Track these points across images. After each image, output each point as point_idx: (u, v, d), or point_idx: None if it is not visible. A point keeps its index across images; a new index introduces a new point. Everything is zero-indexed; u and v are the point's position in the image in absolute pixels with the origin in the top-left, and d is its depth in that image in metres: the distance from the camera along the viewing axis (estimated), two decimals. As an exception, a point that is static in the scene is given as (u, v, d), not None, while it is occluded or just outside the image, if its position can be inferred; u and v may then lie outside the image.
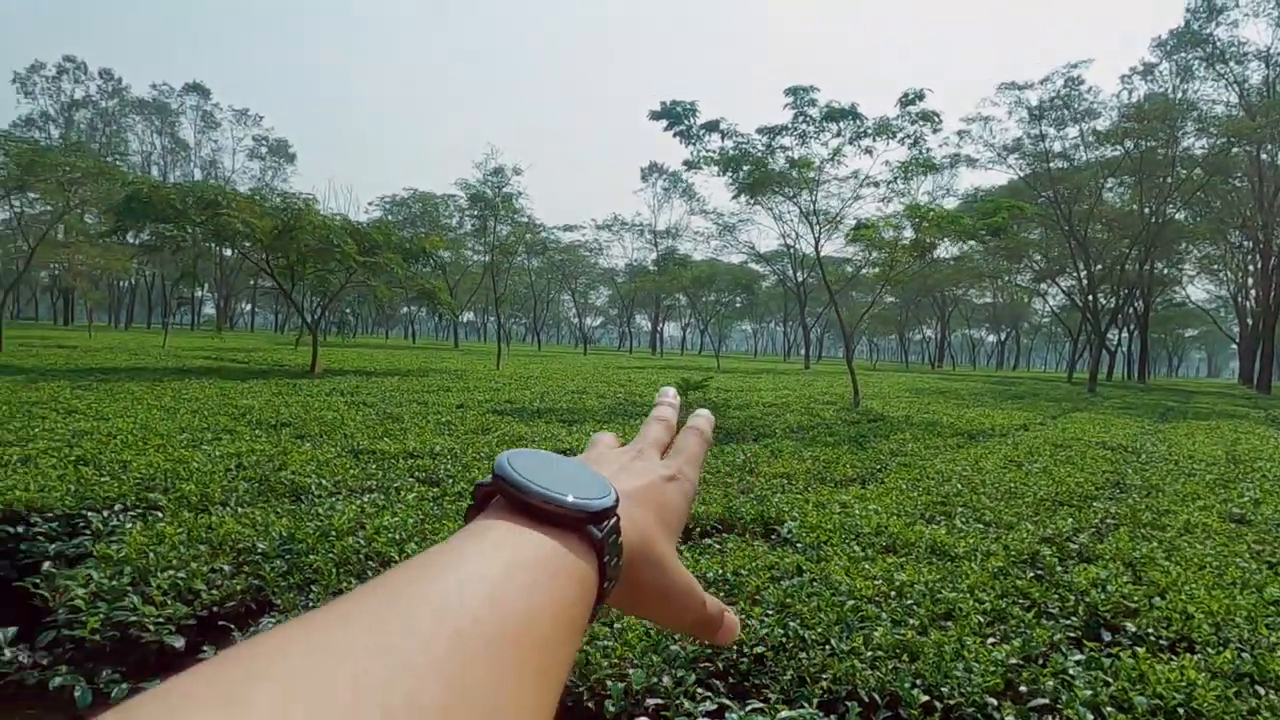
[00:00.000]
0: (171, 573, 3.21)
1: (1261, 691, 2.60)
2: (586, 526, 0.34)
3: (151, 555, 3.38)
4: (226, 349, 26.10)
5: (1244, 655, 2.90)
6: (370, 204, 63.34)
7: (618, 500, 0.37)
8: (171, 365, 16.34)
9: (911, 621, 3.08)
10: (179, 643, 2.82)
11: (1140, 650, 2.84)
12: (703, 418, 0.54)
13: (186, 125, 75.90)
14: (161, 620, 2.89)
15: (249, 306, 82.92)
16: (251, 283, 65.02)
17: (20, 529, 3.83)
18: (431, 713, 0.22)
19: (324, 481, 5.13)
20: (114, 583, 3.09)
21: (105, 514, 4.09)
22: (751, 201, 17.28)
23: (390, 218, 52.77)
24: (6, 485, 4.33)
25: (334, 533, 3.84)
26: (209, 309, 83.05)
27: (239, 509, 4.33)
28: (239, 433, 7.09)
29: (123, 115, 70.68)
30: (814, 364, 50.89)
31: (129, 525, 3.91)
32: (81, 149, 21.78)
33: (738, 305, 72.55)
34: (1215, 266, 51.16)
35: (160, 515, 4.14)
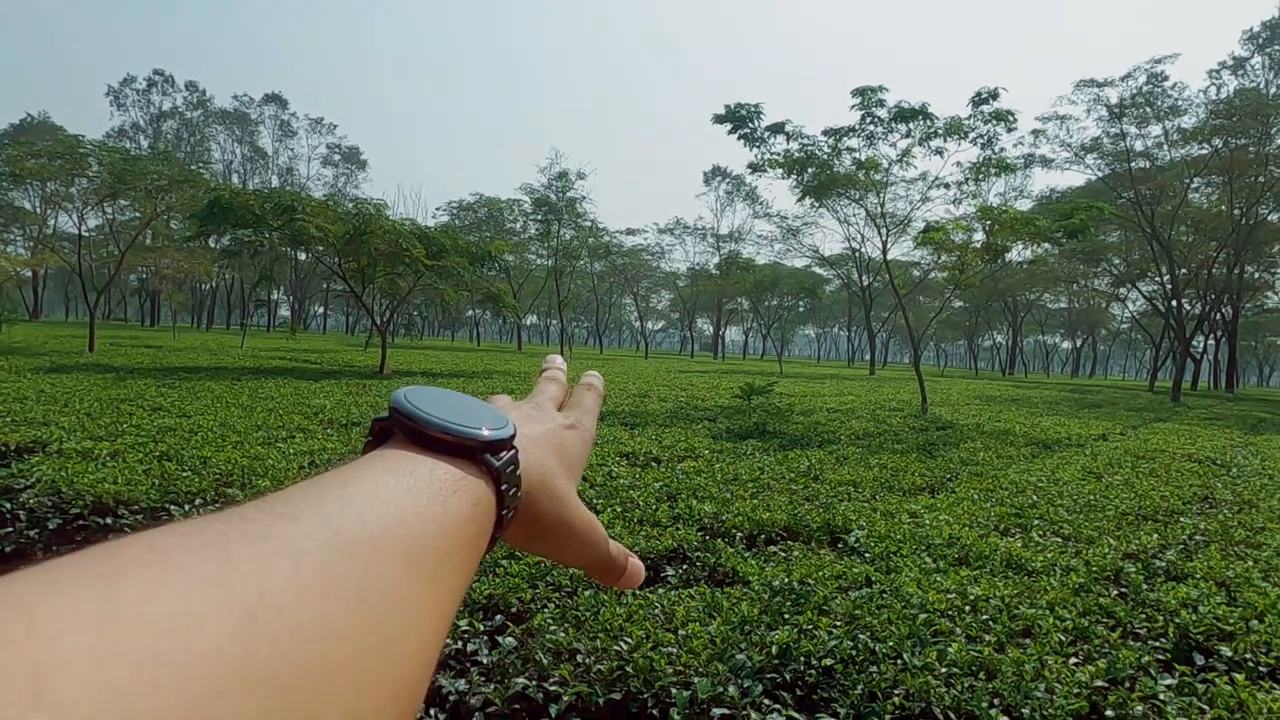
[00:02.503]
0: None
1: (1376, 726, 2.42)
2: (483, 455, 0.35)
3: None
4: (300, 350, 26.97)
5: (1355, 686, 2.70)
6: (438, 209, 64.75)
7: (515, 433, 0.38)
8: (249, 365, 16.94)
9: (988, 638, 2.96)
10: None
11: (1238, 676, 2.67)
12: (593, 376, 0.57)
13: (265, 134, 78.94)
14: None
15: (321, 309, 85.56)
16: (324, 286, 66.93)
17: (109, 520, 4.00)
18: (309, 596, 0.22)
19: (392, 480, 5.22)
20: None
21: (187, 508, 4.24)
22: (816, 204, 17.02)
23: (457, 222, 53.77)
24: (97, 478, 4.53)
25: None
26: (284, 311, 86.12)
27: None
28: (312, 431, 7.29)
29: (206, 125, 73.86)
30: (879, 369, 49.92)
31: (208, 519, 4.04)
32: (168, 158, 22.78)
33: (801, 310, 71.74)
34: (1312, 270, 48.33)
35: (237, 510, 4.27)
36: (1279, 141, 31.15)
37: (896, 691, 2.51)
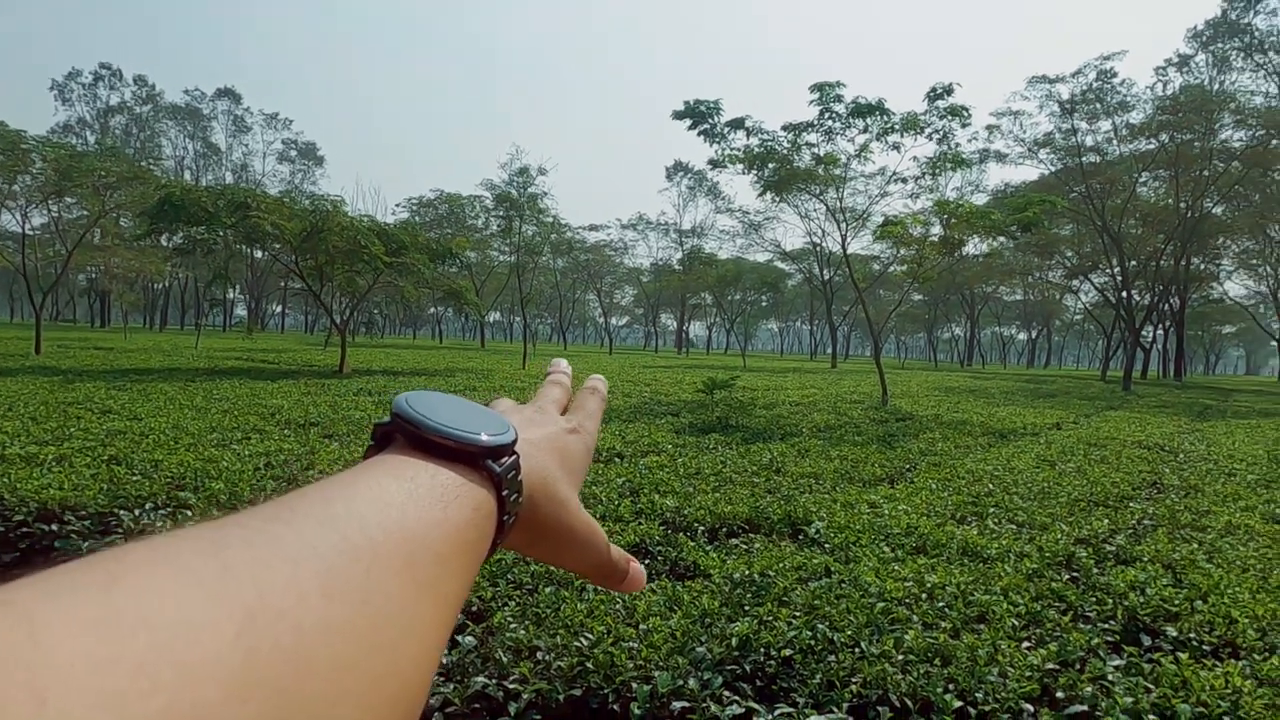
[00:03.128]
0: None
1: (1311, 700, 2.51)
2: (485, 460, 0.35)
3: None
4: (257, 350, 26.46)
5: (1292, 662, 2.80)
6: (397, 205, 64.06)
7: (516, 438, 0.37)
8: (203, 366, 16.58)
9: (944, 624, 3.01)
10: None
11: (1183, 656, 2.75)
12: (598, 380, 0.56)
13: (218, 130, 77.16)
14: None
15: (279, 308, 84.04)
16: (282, 284, 65.80)
17: (54, 527, 3.89)
18: (310, 600, 0.22)
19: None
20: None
21: (137, 513, 4.14)
22: (777, 199, 17.16)
23: (417, 219, 53.20)
24: (42, 484, 4.40)
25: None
26: (240, 310, 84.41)
27: (267, 508, 4.36)
28: (268, 432, 7.16)
29: (156, 121, 71.95)
30: (841, 362, 50.49)
31: (160, 524, 3.95)
32: (116, 154, 22.14)
33: (763, 304, 72.25)
34: (1254, 262, 49.92)
35: (190, 513, 4.18)
36: (1222, 136, 32.11)
37: (854, 680, 2.54)
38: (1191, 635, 3.08)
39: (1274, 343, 53.05)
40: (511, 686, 2.49)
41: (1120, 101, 33.45)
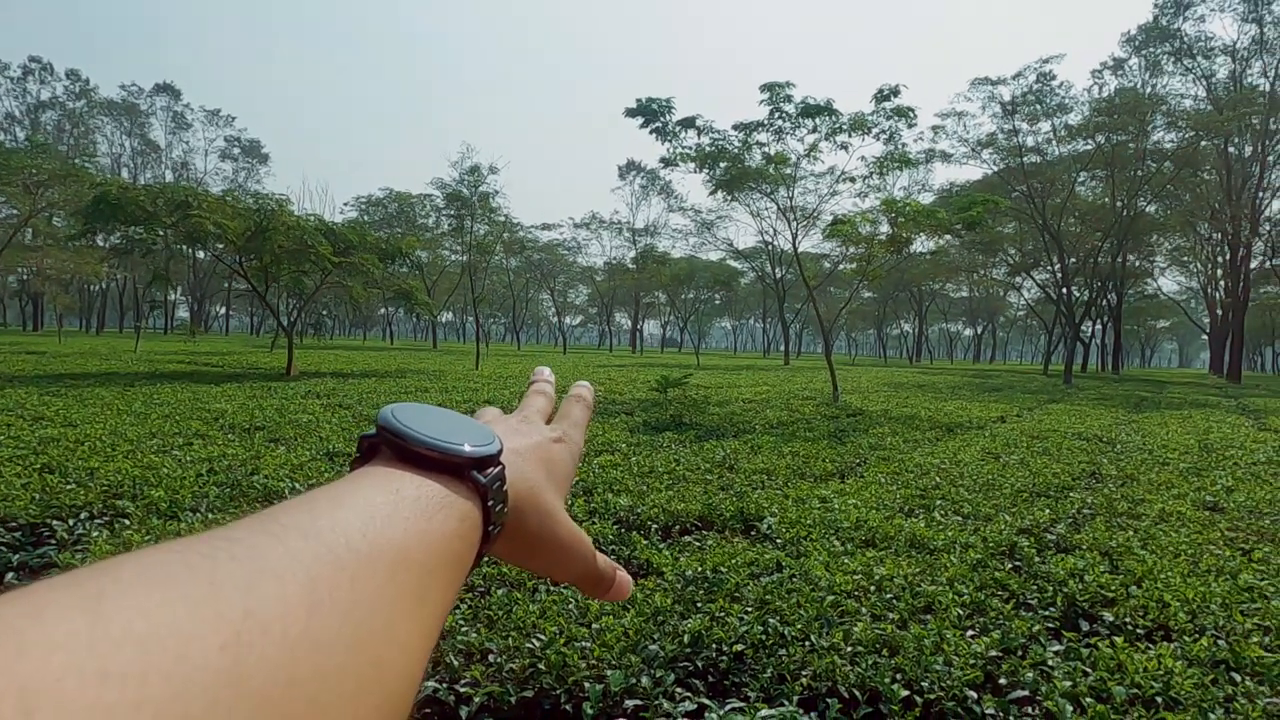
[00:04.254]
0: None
1: (1237, 678, 2.61)
2: (470, 471, 0.35)
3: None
4: (200, 353, 25.74)
5: (1220, 643, 2.92)
6: (345, 204, 62.77)
7: (502, 449, 0.38)
8: (143, 370, 16.07)
9: (891, 616, 3.07)
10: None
11: (1118, 640, 2.84)
12: (584, 387, 0.57)
13: (157, 126, 74.82)
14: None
15: (223, 310, 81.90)
16: (226, 285, 64.22)
17: (-19, 539, 3.73)
18: (295, 613, 0.22)
19: (298, 485, 5.05)
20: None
21: (71, 523, 4.00)
22: (729, 198, 17.28)
23: (366, 218, 52.39)
24: (-32, 495, 4.22)
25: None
26: (182, 312, 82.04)
27: (210, 515, 4.25)
28: (211, 437, 6.97)
29: (91, 117, 69.44)
30: (793, 360, 51.09)
31: (95, 534, 3.82)
32: (47, 150, 21.37)
33: (717, 302, 72.74)
34: (1185, 259, 51.90)
35: (128, 523, 4.05)
36: (1155, 138, 33.29)
37: (804, 672, 2.57)
38: (1127, 620, 3.19)
39: (1204, 336, 55.16)
40: (463, 690, 2.47)
41: (1059, 103, 34.46)
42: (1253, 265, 40.86)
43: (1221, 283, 46.61)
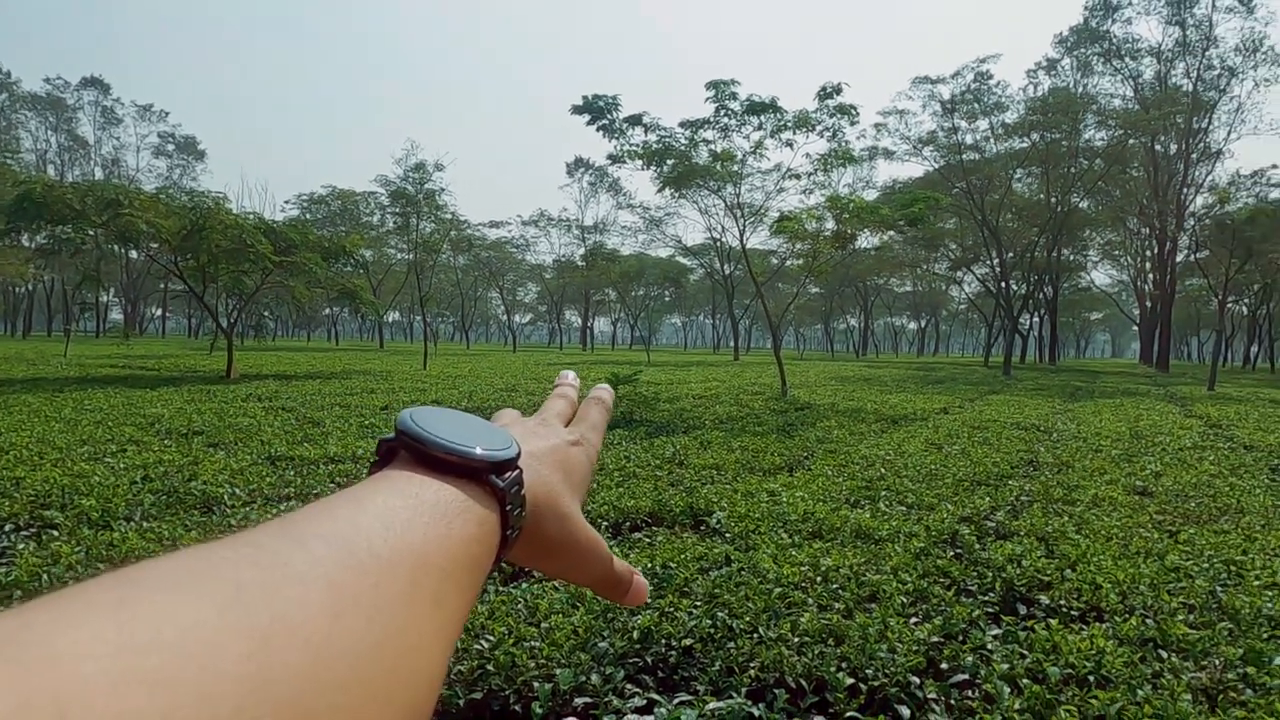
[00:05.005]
0: (68, 594, 3.02)
1: (1164, 655, 2.72)
2: (488, 476, 0.35)
3: (45, 576, 3.18)
4: (135, 356, 24.87)
5: (1148, 621, 3.04)
6: (287, 202, 61.37)
7: (519, 453, 0.38)
8: (74, 375, 15.47)
9: (837, 606, 3.12)
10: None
11: (1054, 622, 2.94)
12: (604, 389, 0.57)
13: (85, 122, 71.98)
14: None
15: (160, 311, 79.23)
16: (161, 286, 62.15)
17: (-103, 555, 3.55)
18: (319, 619, 0.22)
19: (238, 490, 4.92)
20: (2, 609, 2.88)
21: (-5, 535, 3.83)
22: (677, 195, 17.35)
23: (308, 216, 51.18)
24: (-119, 509, 4.01)
25: (247, 544, 3.68)
26: (116, 315, 79.17)
27: (144, 523, 4.11)
28: (146, 443, 6.75)
29: (13, 111, 66.49)
30: (743, 355, 51.55)
31: (21, 546, 3.67)
32: (-34, 147, 20.34)
33: (667, 299, 72.95)
34: (1116, 252, 53.87)
35: (56, 534, 3.89)
36: (1086, 136, 34.42)
37: (753, 664, 2.60)
38: (1062, 602, 3.30)
39: (1135, 327, 57.26)
40: (410, 694, 2.43)
41: (996, 102, 35.44)
42: (1179, 259, 42.58)
43: (1150, 275, 48.48)
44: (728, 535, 4.25)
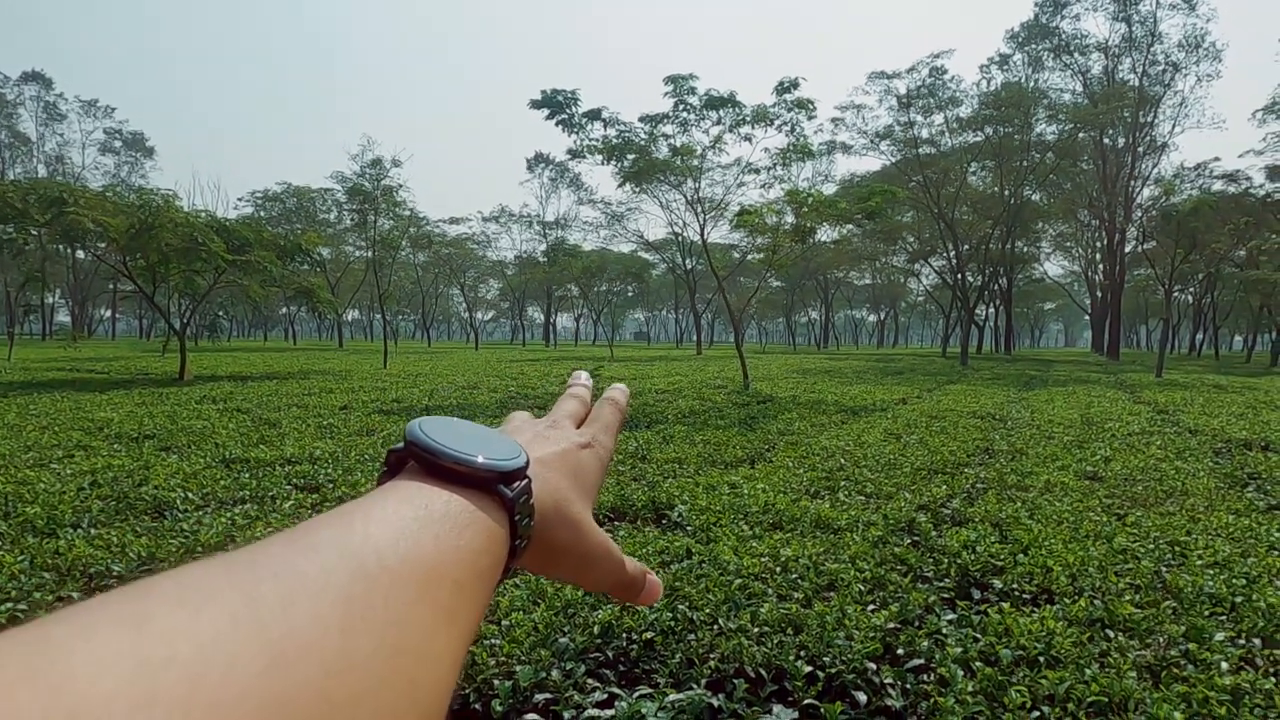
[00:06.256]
0: (10, 605, 2.93)
1: (1111, 635, 2.80)
2: (497, 486, 0.35)
3: (-13, 587, 3.08)
4: (83, 359, 24.17)
5: (1096, 602, 3.12)
6: (241, 200, 59.91)
7: (528, 462, 0.38)
8: (18, 379, 14.99)
9: (796, 595, 3.15)
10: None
11: (1006, 605, 3.00)
12: (617, 389, 0.56)
13: (26, 117, 69.64)
14: (-1, 658, 2.63)
15: (109, 312, 77.09)
16: (110, 287, 60.46)
17: None
18: (332, 633, 0.22)
19: (190, 495, 4.81)
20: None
21: (-67, 546, 3.70)
22: (638, 190, 17.36)
23: (262, 214, 50.19)
24: None
25: (200, 548, 3.61)
26: (63, 317, 76.87)
27: (92, 530, 4.00)
28: (95, 448, 6.57)
29: (-50, 107, 64.17)
30: (706, 349, 51.76)
31: (-39, 556, 3.55)
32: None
33: (629, 294, 72.86)
34: (1068, 244, 55.21)
35: (1, 541, 3.78)
36: (1038, 130, 35.14)
37: (712, 655, 2.62)
38: (1015, 586, 3.37)
39: (1086, 317, 58.68)
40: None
41: (950, 96, 35.96)
42: (1127, 249, 43.72)
43: (1100, 266, 49.73)
44: (689, 528, 4.27)
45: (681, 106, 14.37)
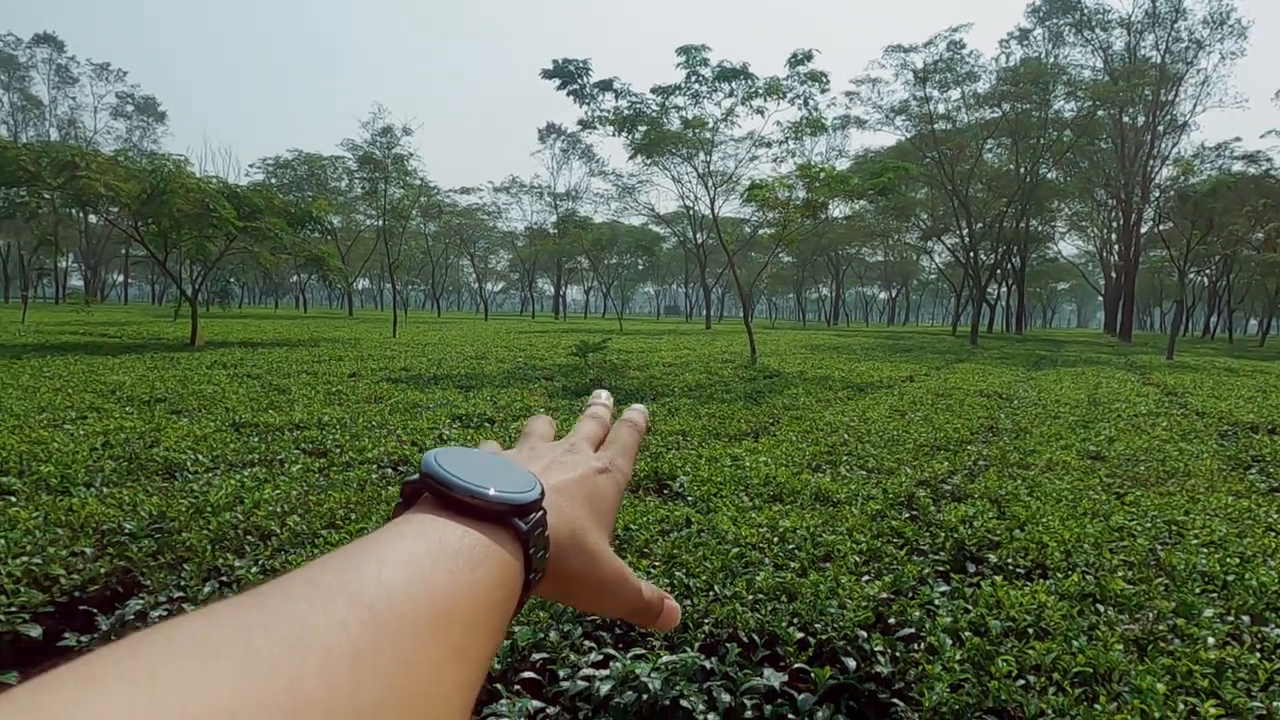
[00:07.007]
0: (25, 559, 3.01)
1: (1101, 609, 2.84)
2: (511, 519, 0.35)
3: (3, 542, 3.16)
4: (96, 323, 24.37)
5: (1088, 578, 3.16)
6: (252, 166, 59.96)
7: (543, 494, 0.38)
8: (32, 342, 15.15)
9: (793, 565, 3.20)
10: (35, 631, 2.65)
11: (999, 579, 3.05)
12: (636, 411, 0.55)
13: (39, 81, 69.57)
14: (14, 609, 2.71)
15: (121, 277, 77.51)
16: (123, 251, 60.76)
17: None
18: (340, 683, 0.22)
19: (201, 457, 4.89)
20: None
21: (-50, 501, 3.79)
22: (649, 162, 17.25)
23: (274, 181, 50.16)
24: None
25: (209, 509, 3.68)
26: (76, 281, 77.38)
27: (104, 489, 4.08)
28: (107, 410, 6.66)
29: (-38, 69, 64.12)
30: (715, 324, 51.69)
31: (-23, 512, 3.63)
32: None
33: (640, 267, 72.76)
34: (1083, 223, 54.64)
35: (14, 499, 3.86)
36: (1056, 107, 34.65)
37: (707, 620, 2.67)
38: (1009, 560, 3.41)
39: (1100, 297, 58.25)
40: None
41: (968, 72, 35.47)
42: (1143, 230, 43.30)
43: (1115, 246, 49.25)
44: (690, 499, 4.32)
45: (693, 78, 14.23)
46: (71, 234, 57.30)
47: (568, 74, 13.98)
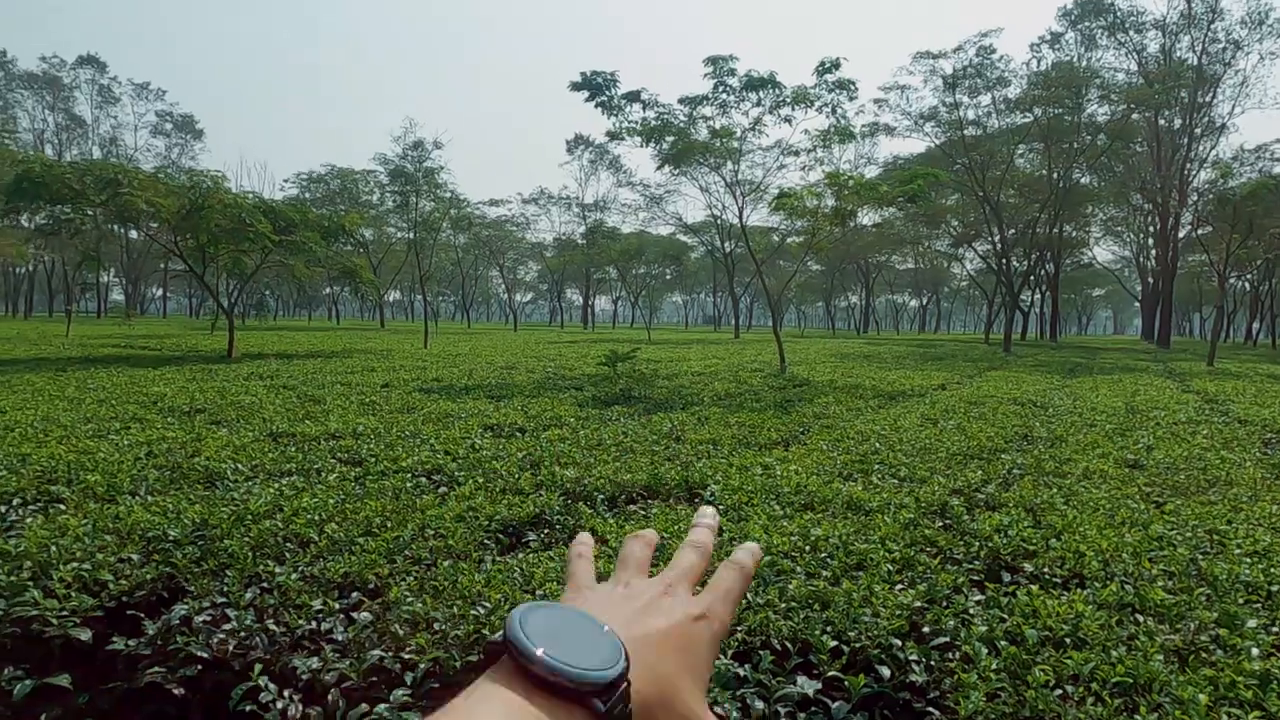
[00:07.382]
0: (75, 565, 3.10)
1: (1140, 619, 2.80)
2: (592, 700, 0.35)
3: (54, 548, 3.25)
4: (136, 336, 24.95)
5: (1127, 587, 3.11)
6: (286, 181, 61.09)
7: (628, 665, 0.37)
8: (76, 355, 15.55)
9: (825, 573, 3.19)
10: (85, 635, 2.73)
11: (1034, 588, 3.01)
12: (746, 551, 0.52)
13: (82, 100, 71.46)
14: (65, 613, 2.79)
15: (160, 291, 79.13)
16: (162, 266, 62.05)
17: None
18: None
19: (240, 466, 5.00)
20: (12, 578, 2.97)
21: (3, 509, 3.91)
22: (676, 172, 17.33)
23: (307, 195, 51.04)
24: (-109, 484, 4.09)
25: (250, 516, 3.76)
26: (117, 295, 79.21)
27: (149, 498, 4.19)
28: (150, 421, 6.83)
29: (9, 90, 66.09)
30: (744, 333, 51.55)
31: (29, 519, 3.75)
32: (-37, 127, 20.31)
33: (667, 277, 72.78)
34: (1119, 228, 53.68)
35: (63, 507, 3.98)
36: (1089, 111, 34.16)
37: (739, 628, 2.68)
38: (1045, 570, 3.37)
39: (1137, 304, 57.16)
40: (408, 657, 2.52)
41: (999, 77, 35.08)
42: (1181, 234, 42.41)
43: (1152, 251, 48.31)
44: (721, 507, 4.33)
45: (721, 88, 14.28)
46: (113, 249, 58.64)
47: (595, 86, 14.10)
